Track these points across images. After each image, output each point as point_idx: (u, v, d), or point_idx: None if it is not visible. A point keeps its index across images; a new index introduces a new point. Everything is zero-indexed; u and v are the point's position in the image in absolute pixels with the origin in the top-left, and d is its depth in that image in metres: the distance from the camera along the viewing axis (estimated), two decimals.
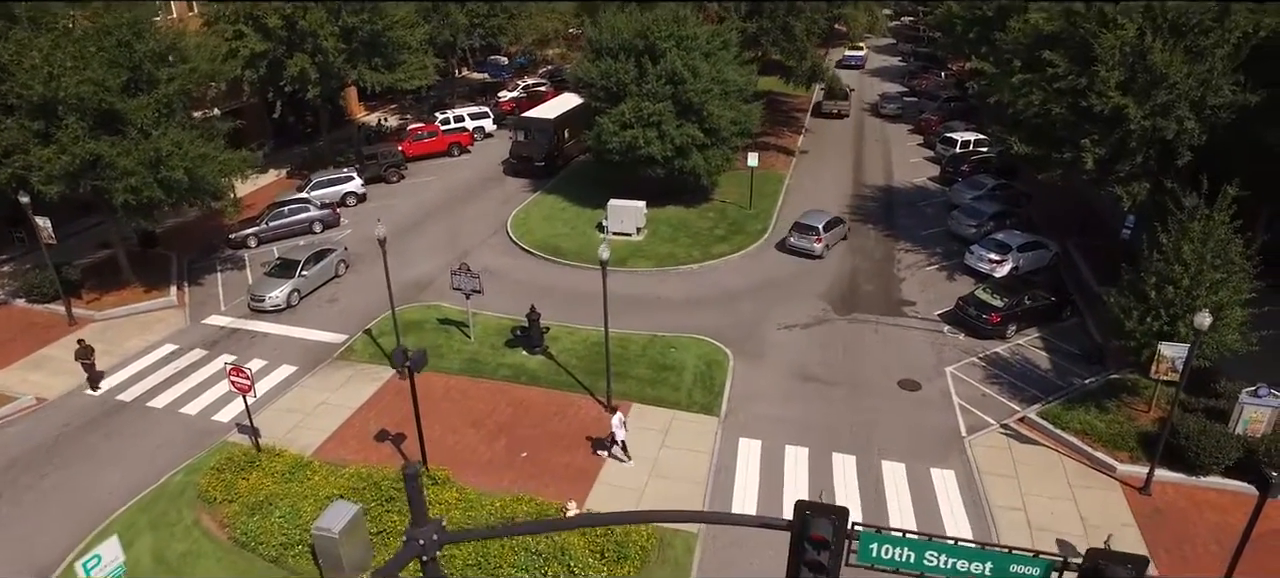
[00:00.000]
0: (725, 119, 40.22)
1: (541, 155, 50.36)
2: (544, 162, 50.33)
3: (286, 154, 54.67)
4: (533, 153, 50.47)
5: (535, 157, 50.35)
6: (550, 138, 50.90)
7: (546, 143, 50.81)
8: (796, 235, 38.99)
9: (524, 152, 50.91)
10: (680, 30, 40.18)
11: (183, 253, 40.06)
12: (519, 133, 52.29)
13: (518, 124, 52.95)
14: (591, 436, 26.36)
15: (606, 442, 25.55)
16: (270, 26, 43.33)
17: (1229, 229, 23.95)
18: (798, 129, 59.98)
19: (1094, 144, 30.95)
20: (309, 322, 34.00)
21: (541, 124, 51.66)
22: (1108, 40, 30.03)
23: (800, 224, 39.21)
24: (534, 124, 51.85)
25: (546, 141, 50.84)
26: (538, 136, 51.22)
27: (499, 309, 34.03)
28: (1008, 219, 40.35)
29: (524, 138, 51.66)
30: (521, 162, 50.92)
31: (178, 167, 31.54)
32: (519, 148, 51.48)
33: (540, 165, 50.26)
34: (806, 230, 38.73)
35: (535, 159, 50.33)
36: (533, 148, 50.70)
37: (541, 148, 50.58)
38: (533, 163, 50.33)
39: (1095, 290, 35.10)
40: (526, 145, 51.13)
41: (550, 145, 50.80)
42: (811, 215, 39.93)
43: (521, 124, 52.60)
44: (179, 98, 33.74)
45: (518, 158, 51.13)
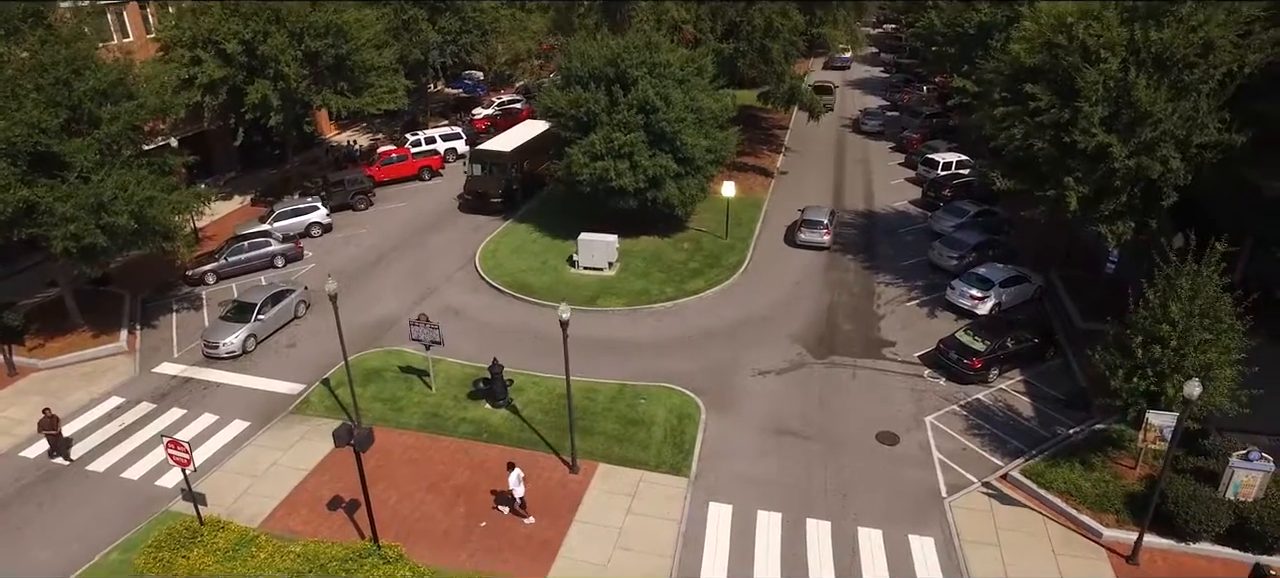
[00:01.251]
0: (700, 148, 39.00)
1: (499, 191, 46.86)
2: (501, 198, 46.87)
3: (253, 178, 53.16)
4: (489, 188, 46.90)
5: (491, 193, 46.81)
6: (508, 172, 47.50)
7: (504, 177, 47.34)
8: (806, 231, 42.06)
9: (480, 187, 47.22)
10: (652, 57, 38.90)
11: (136, 292, 38.39)
12: (474, 166, 48.66)
13: (473, 157, 49.35)
14: (495, 490, 25.36)
15: (507, 498, 24.33)
16: (229, 52, 41.79)
17: (1218, 286, 22.90)
18: (777, 148, 58.90)
19: (1078, 182, 29.94)
20: (265, 369, 32.53)
21: (498, 157, 47.98)
22: (1090, 75, 28.99)
23: (807, 220, 42.35)
24: (490, 157, 48.15)
25: (504, 176, 47.39)
26: (494, 170, 47.69)
27: (464, 354, 32.68)
28: (990, 250, 39.29)
29: (480, 171, 48.08)
30: (477, 198, 47.30)
31: (122, 212, 29.94)
32: (474, 183, 47.71)
33: (497, 201, 46.84)
34: (813, 225, 41.93)
35: (491, 195, 46.82)
36: (489, 183, 47.11)
37: (499, 183, 47.02)
38: (490, 199, 46.83)
39: (1080, 327, 34.28)
40: (482, 180, 47.48)
41: (508, 180, 47.36)
42: (814, 211, 43.17)
43: (477, 157, 48.90)
44: (125, 136, 32.20)
45: (473, 193, 47.46)
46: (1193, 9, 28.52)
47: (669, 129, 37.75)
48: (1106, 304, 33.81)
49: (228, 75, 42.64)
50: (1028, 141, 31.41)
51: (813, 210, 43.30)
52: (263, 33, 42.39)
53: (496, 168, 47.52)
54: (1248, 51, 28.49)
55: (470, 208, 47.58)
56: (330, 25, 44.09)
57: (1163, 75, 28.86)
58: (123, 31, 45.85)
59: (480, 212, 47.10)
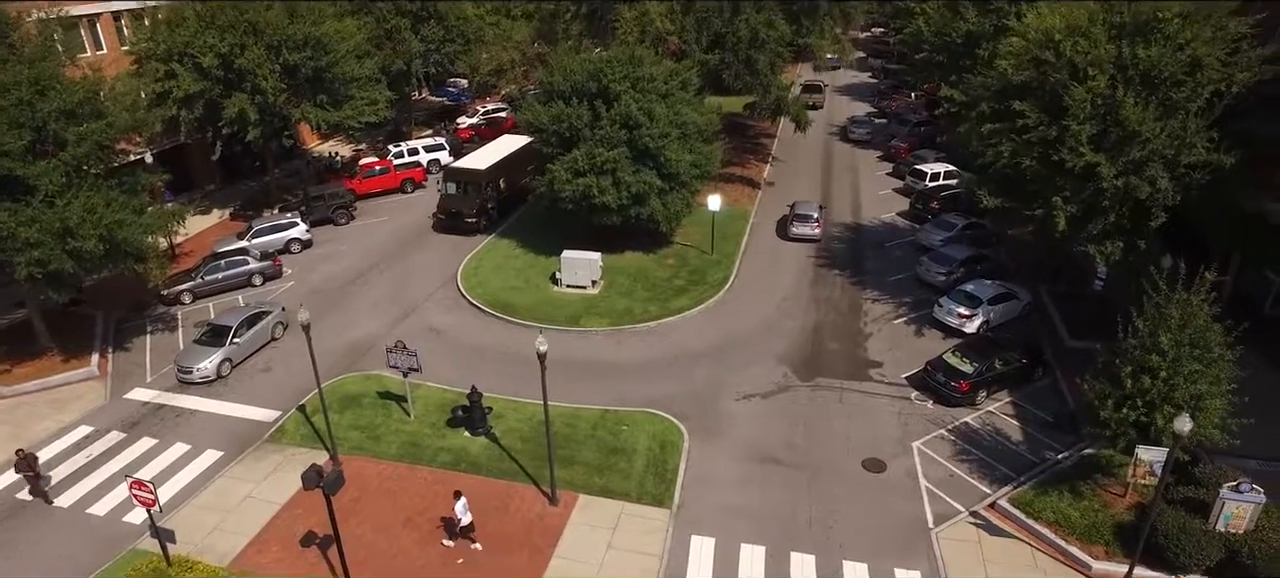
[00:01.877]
0: (684, 162, 38.40)
1: (473, 211, 45.17)
2: (475, 219, 45.25)
3: (233, 191, 52.35)
4: (463, 209, 45.15)
5: (465, 213, 45.10)
6: (483, 191, 45.80)
7: (479, 197, 45.65)
8: (798, 224, 44.42)
9: (453, 207, 45.40)
10: (635, 71, 38.26)
11: (109, 311, 37.62)
12: (448, 185, 46.70)
13: (446, 175, 47.50)
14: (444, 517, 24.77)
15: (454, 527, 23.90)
16: (205, 66, 40.93)
17: (1208, 315, 22.46)
18: (764, 157, 58.40)
19: (1066, 201, 29.48)
20: (240, 395, 31.80)
21: (472, 176, 46.12)
22: (1078, 93, 28.52)
23: (798, 215, 44.64)
24: (464, 176, 46.34)
25: (479, 196, 45.69)
26: (469, 190, 45.90)
27: (444, 378, 32.04)
28: (979, 264, 38.86)
29: (454, 191, 46.19)
30: (450, 218, 45.46)
31: (90, 236, 29.11)
32: (447, 202, 45.84)
33: (471, 222, 45.18)
34: (805, 219, 44.40)
35: (465, 216, 45.11)
36: (463, 203, 45.34)
37: (473, 203, 45.27)
38: (463, 220, 45.16)
39: (1068, 345, 33.89)
40: (456, 200, 45.62)
41: (483, 200, 45.73)
42: (804, 205, 45.64)
43: (450, 176, 47.04)
44: (94, 156, 31.38)
45: (446, 213, 45.62)
46: (1180, 26, 28.09)
47: (652, 145, 37.15)
48: (1095, 321, 33.66)
49: (204, 89, 41.76)
50: (1015, 159, 30.94)
51: (803, 205, 45.65)
52: (239, 46, 41.54)
53: (471, 187, 45.87)
54: (1235, 70, 28.12)
55: (444, 229, 45.97)
56: (309, 37, 43.22)
57: (1151, 93, 28.44)
58: (96, 44, 45.02)
59: (454, 233, 45.60)
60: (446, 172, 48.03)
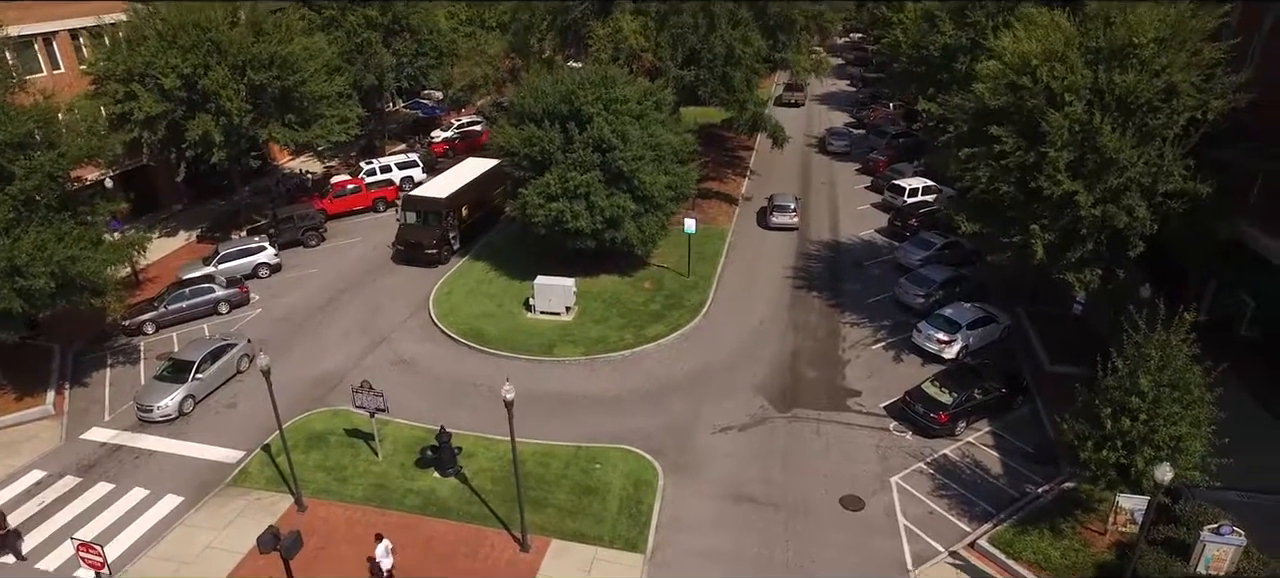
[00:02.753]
0: (659, 185, 37.71)
1: (432, 242, 42.94)
2: (435, 250, 43.07)
3: (200, 211, 51.16)
4: (422, 239, 42.96)
5: (424, 244, 42.95)
6: (444, 220, 43.52)
7: (439, 227, 43.44)
8: (777, 214, 48.09)
9: (412, 238, 43.19)
10: (608, 92, 37.51)
11: (68, 343, 36.47)
12: (406, 214, 44.29)
13: (405, 204, 44.91)
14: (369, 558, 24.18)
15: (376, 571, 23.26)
16: (166, 87, 39.78)
17: (1187, 356, 22.07)
18: (742, 171, 57.86)
19: (1043, 229, 29.10)
20: (203, 434, 30.85)
21: (432, 204, 43.79)
22: (1055, 120, 28.13)
23: (777, 205, 48.38)
24: (423, 204, 44.02)
25: (439, 225, 43.47)
26: (429, 219, 43.65)
27: (413, 413, 31.25)
28: (957, 286, 38.46)
29: (413, 220, 43.92)
30: (409, 249, 43.31)
31: (41, 274, 28.09)
32: (406, 233, 43.63)
33: (431, 254, 43.08)
34: (783, 209, 48.17)
35: (425, 247, 42.97)
36: (422, 233, 43.11)
37: (433, 233, 43.03)
38: (423, 251, 43.04)
39: (1048, 370, 33.57)
40: (415, 231, 43.45)
41: (444, 230, 43.51)
42: (782, 197, 49.28)
43: (409, 204, 44.52)
44: (46, 187, 30.24)
45: (405, 244, 43.46)
46: (1156, 51, 27.75)
47: (626, 168, 36.45)
48: (1075, 345, 33.44)
49: (166, 110, 40.59)
50: (993, 184, 30.55)
51: (781, 197, 49.49)
52: (203, 66, 40.43)
53: (431, 216, 43.65)
54: (1210, 97, 27.83)
55: (403, 260, 43.87)
56: (275, 56, 42.16)
57: (1127, 119, 28.10)
58: (53, 63, 43.71)
59: (413, 264, 43.47)
60: (405, 200, 45.49)
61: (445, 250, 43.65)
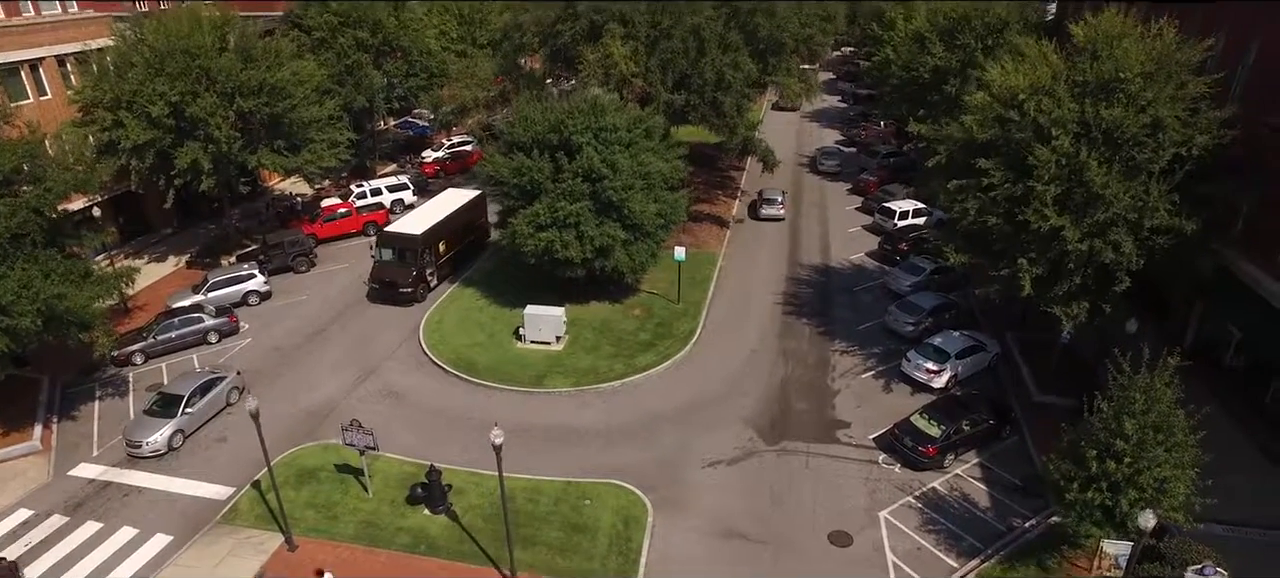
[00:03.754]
0: (649, 213, 37.73)
1: (408, 280, 41.66)
2: (411, 288, 41.79)
3: (190, 235, 51.00)
4: (397, 278, 41.61)
5: (400, 282, 41.61)
6: (420, 257, 42.10)
7: (415, 265, 41.98)
8: (766, 207, 53.10)
9: (387, 276, 41.80)
10: (598, 121, 37.58)
11: (56, 374, 36.29)
12: (381, 251, 42.89)
13: (380, 240, 43.37)
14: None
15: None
16: (154, 115, 39.58)
17: (1171, 400, 22.21)
18: (733, 192, 57.95)
19: (1031, 262, 29.27)
20: (193, 469, 30.75)
21: (408, 241, 42.25)
22: (1043, 154, 28.30)
23: (766, 199, 53.49)
24: (398, 241, 42.50)
25: (415, 263, 42.04)
26: (405, 256, 42.26)
27: (404, 447, 31.23)
28: (947, 313, 38.63)
29: (388, 257, 42.52)
30: (384, 288, 41.93)
31: (26, 312, 27.97)
32: (381, 271, 42.18)
33: (407, 292, 41.80)
34: (771, 202, 53.18)
35: (400, 285, 41.60)
36: (398, 272, 41.75)
37: (408, 271, 41.70)
38: (398, 290, 41.67)
39: (1036, 400, 33.73)
40: (390, 268, 42.01)
41: (419, 267, 42.05)
42: (771, 192, 54.26)
43: (384, 240, 42.93)
44: (32, 222, 30.08)
45: (380, 282, 42.03)
46: (1142, 86, 27.96)
47: (616, 197, 36.49)
48: (1063, 374, 33.65)
49: (154, 138, 40.33)
50: (981, 217, 30.71)
51: (769, 192, 54.28)
52: (191, 93, 40.27)
53: (407, 253, 42.26)
54: (1195, 132, 28.02)
55: (378, 298, 42.60)
56: (263, 83, 42.09)
57: (1114, 154, 28.29)
58: (39, 90, 43.43)
59: (389, 303, 42.23)
60: (380, 236, 43.86)
61: (422, 289, 42.51)
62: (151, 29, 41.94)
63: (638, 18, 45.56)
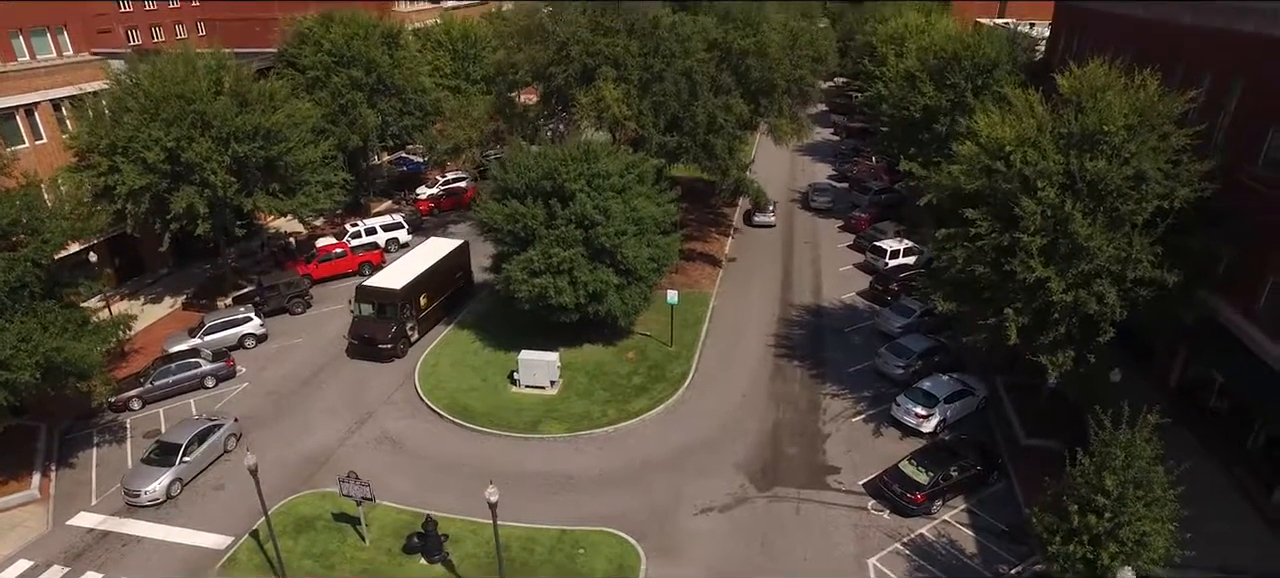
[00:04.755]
0: (641, 257, 38.29)
1: (387, 336, 40.64)
2: (391, 345, 40.81)
3: (186, 276, 51.36)
4: (377, 334, 40.64)
5: (379, 339, 40.63)
6: (400, 313, 41.13)
7: (394, 321, 41.00)
8: (758, 215, 59.32)
9: (366, 332, 40.86)
10: (590, 167, 38.18)
11: (54, 421, 36.44)
12: (360, 306, 41.52)
13: (358, 295, 41.69)
14: None
15: None
16: (150, 160, 39.98)
17: (1150, 457, 22.73)
18: (726, 229, 58.59)
19: (1017, 312, 29.85)
20: (191, 518, 31.01)
21: (387, 295, 41.18)
22: (1029, 206, 28.92)
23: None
24: (377, 296, 41.27)
25: (395, 318, 41.07)
26: (385, 311, 41.20)
27: (400, 495, 31.54)
28: (936, 356, 39.18)
29: (367, 312, 41.40)
30: (363, 344, 41.02)
31: (26, 366, 28.30)
32: (360, 326, 41.25)
33: (386, 349, 40.83)
34: (763, 211, 58.64)
35: (379, 341, 40.67)
36: (377, 327, 40.78)
37: (388, 327, 40.72)
38: (377, 346, 40.74)
39: (1023, 444, 34.22)
40: (369, 324, 41.05)
41: (399, 323, 41.09)
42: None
43: (362, 295, 41.44)
44: (30, 274, 30.43)
45: (359, 338, 41.16)
46: (1125, 138, 28.64)
47: (609, 243, 37.05)
48: (1050, 417, 34.16)
49: (150, 183, 40.76)
50: (969, 265, 31.29)
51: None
52: (187, 138, 40.58)
53: (387, 308, 41.27)
54: (1177, 184, 28.69)
55: (358, 354, 41.65)
56: (259, 127, 42.51)
57: (1098, 205, 28.94)
58: (35, 134, 43.82)
59: (369, 359, 41.29)
60: (358, 290, 42.04)
61: (402, 345, 41.61)
62: (147, 74, 42.36)
63: (630, 61, 46.25)
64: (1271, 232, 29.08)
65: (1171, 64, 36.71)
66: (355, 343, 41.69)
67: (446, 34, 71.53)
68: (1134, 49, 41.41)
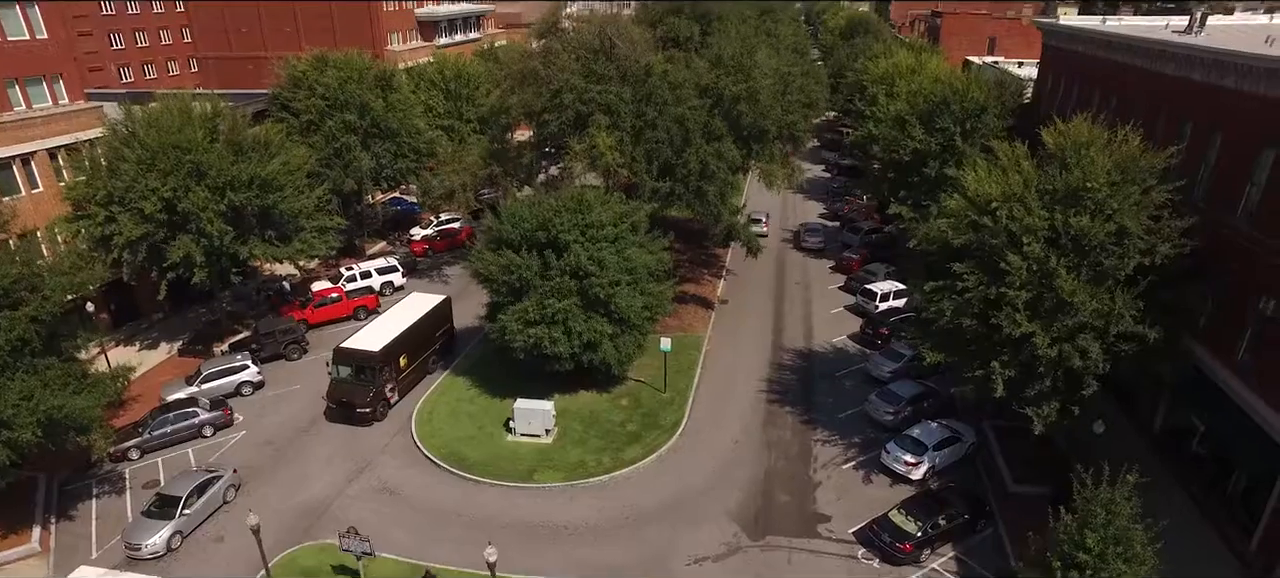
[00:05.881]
0: (635, 307, 38.90)
1: (366, 400, 39.56)
2: (370, 409, 39.70)
3: (181, 321, 51.64)
4: (354, 398, 39.59)
5: (357, 403, 39.55)
6: (378, 376, 40.08)
7: (372, 384, 39.95)
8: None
9: (344, 396, 39.76)
10: (584, 218, 38.88)
11: (53, 473, 36.61)
12: (337, 368, 40.47)
13: (336, 357, 40.61)
14: None
15: None
16: (146, 211, 40.41)
17: (1130, 515, 23.38)
18: (718, 270, 59.30)
19: (1003, 365, 30.53)
20: (191, 570, 31.27)
21: (365, 358, 40.16)
22: (1015, 261, 29.64)
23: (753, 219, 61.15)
24: (355, 358, 40.27)
25: (373, 382, 40.04)
26: (362, 374, 40.16)
27: (399, 548, 31.86)
28: (926, 401, 39.84)
29: (344, 375, 40.33)
30: (342, 408, 39.91)
31: (27, 424, 28.63)
32: (337, 390, 40.14)
33: (365, 412, 39.65)
34: (757, 222, 62.29)
35: (357, 405, 39.56)
36: (355, 391, 39.72)
37: (366, 391, 39.68)
38: (355, 410, 39.65)
39: (1011, 490, 34.82)
40: (347, 388, 39.96)
41: (378, 386, 40.06)
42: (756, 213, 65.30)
43: (340, 357, 40.40)
44: (31, 331, 30.72)
45: (336, 402, 40.08)
46: (1108, 194, 29.44)
47: (603, 293, 37.67)
48: (1037, 463, 34.78)
49: (147, 233, 41.12)
50: (957, 318, 31.96)
51: (755, 212, 63.67)
52: (183, 188, 40.96)
53: (365, 371, 40.16)
54: (1158, 239, 29.48)
55: (336, 418, 40.54)
56: (254, 177, 42.92)
57: (1082, 259, 29.70)
58: (31, 183, 44.21)
59: (348, 423, 40.17)
60: (336, 352, 40.90)
61: (382, 408, 40.61)
62: (142, 123, 42.75)
63: (623, 108, 47.13)
64: (1250, 284, 29.89)
65: (1154, 111, 37.78)
66: (333, 407, 40.56)
67: (439, 73, 72.38)
68: (1118, 95, 42.63)
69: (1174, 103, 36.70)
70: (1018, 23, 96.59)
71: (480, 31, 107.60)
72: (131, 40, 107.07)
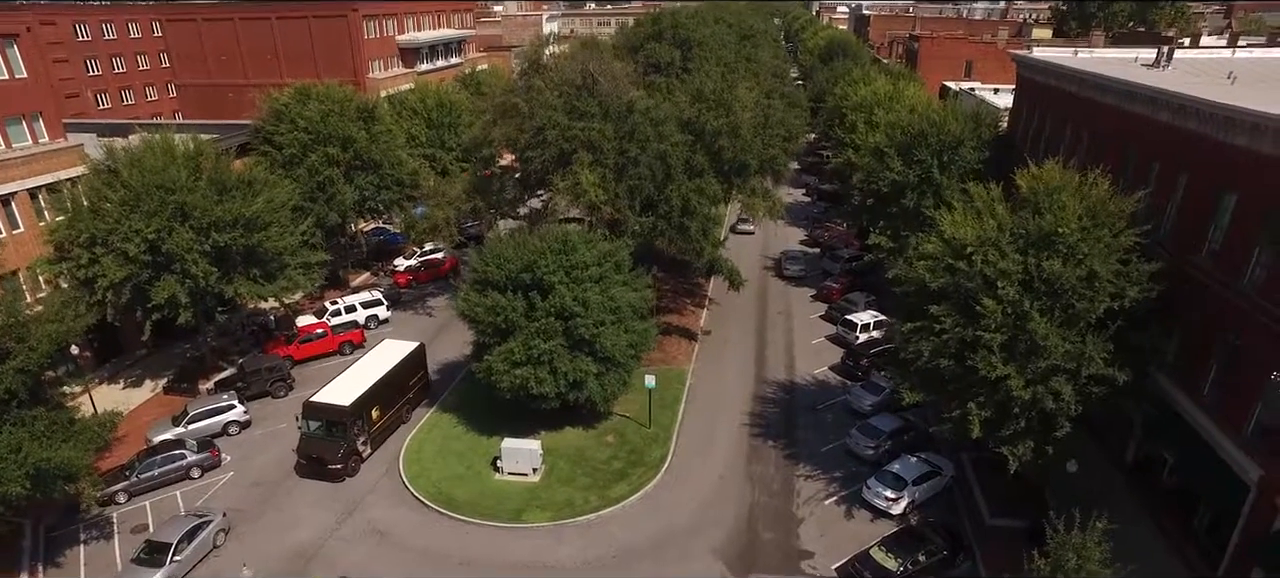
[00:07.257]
0: (620, 345, 39.42)
1: (337, 456, 38.64)
2: (341, 465, 38.78)
3: (166, 355, 51.58)
4: (325, 454, 38.69)
5: (328, 459, 38.64)
6: (349, 431, 39.11)
7: (344, 440, 39.02)
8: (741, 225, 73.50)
9: (314, 451, 38.89)
10: (568, 259, 39.42)
11: (39, 517, 36.56)
12: (307, 422, 39.34)
13: (306, 411, 39.40)
14: None
15: None
16: (130, 253, 40.45)
17: (1100, 559, 24.20)
18: (701, 300, 59.94)
19: (979, 406, 31.33)
20: None
21: (336, 413, 39.04)
22: (990, 305, 30.48)
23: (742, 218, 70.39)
24: (325, 413, 39.14)
25: (344, 438, 39.05)
26: (333, 430, 39.15)
27: None
28: (905, 435, 40.64)
29: (314, 430, 39.30)
30: (312, 465, 39.10)
31: (15, 478, 28.70)
32: (308, 445, 39.20)
33: (337, 469, 38.73)
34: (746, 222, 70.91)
35: (328, 461, 38.68)
36: (326, 447, 38.82)
37: (337, 447, 38.78)
38: (326, 467, 38.78)
39: (988, 524, 35.64)
40: (318, 444, 39.02)
41: (349, 442, 39.16)
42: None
43: (310, 412, 39.23)
44: (19, 382, 30.87)
45: (307, 458, 39.24)
46: (1079, 238, 30.36)
47: (588, 333, 38.19)
48: (1013, 497, 35.62)
49: (130, 273, 41.06)
50: (935, 358, 32.74)
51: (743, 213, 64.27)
52: (167, 228, 40.98)
53: (335, 427, 39.18)
54: (1126, 283, 30.42)
55: (307, 474, 39.57)
56: (239, 217, 42.94)
57: (1054, 302, 30.58)
58: (11, 223, 44.05)
59: (320, 479, 39.18)
60: (305, 407, 39.70)
61: (354, 462, 39.77)
62: (125, 163, 42.75)
63: (606, 145, 47.77)
64: (1214, 322, 30.88)
65: (1123, 149, 38.82)
66: (303, 463, 39.68)
67: (422, 101, 72.67)
68: (1088, 131, 43.67)
69: (1142, 142, 37.72)
70: (994, 47, 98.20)
71: (462, 56, 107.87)
72: (108, 66, 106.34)
